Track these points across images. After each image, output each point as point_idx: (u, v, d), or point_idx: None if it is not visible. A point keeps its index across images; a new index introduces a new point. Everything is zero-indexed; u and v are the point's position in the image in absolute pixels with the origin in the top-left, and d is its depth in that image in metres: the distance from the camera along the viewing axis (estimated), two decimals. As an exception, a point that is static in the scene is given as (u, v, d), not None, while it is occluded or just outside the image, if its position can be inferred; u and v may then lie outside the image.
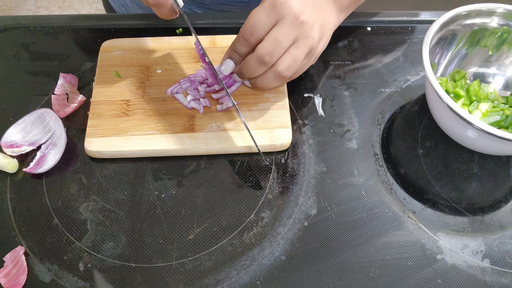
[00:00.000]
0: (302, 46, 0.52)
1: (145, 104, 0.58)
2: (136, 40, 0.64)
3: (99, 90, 0.59)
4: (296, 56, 0.52)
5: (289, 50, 0.52)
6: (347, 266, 0.49)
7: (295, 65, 0.52)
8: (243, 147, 0.55)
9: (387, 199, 0.53)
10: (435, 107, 0.55)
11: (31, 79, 0.62)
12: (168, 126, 0.56)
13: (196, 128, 0.56)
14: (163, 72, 0.61)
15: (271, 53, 0.50)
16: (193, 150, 0.55)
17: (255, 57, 0.51)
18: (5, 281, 0.47)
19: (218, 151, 0.55)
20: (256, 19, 0.51)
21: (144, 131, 0.55)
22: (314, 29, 0.52)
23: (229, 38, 0.64)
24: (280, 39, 0.50)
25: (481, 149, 0.54)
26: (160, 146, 0.54)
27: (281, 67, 0.52)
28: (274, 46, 0.50)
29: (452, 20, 0.57)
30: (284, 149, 0.56)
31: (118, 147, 0.54)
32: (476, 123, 0.48)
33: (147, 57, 0.62)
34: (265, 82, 0.54)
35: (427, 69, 0.51)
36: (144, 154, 0.55)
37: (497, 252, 0.50)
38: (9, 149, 0.55)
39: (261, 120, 0.56)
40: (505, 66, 0.61)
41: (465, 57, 0.61)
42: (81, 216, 0.52)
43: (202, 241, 0.50)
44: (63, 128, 0.56)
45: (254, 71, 0.52)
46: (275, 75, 0.52)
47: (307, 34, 0.52)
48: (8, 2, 2.04)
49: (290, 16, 0.50)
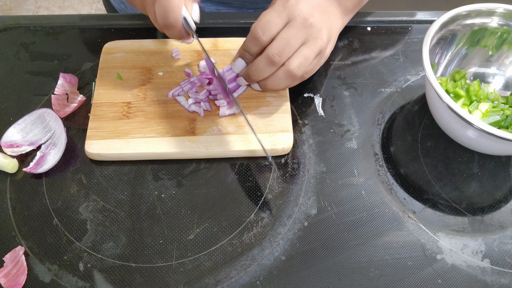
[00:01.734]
0: (312, 47, 0.53)
1: (146, 107, 0.58)
2: (138, 42, 0.64)
3: (100, 92, 0.59)
4: (306, 55, 0.52)
5: (299, 50, 0.52)
6: (347, 266, 0.49)
7: (306, 64, 0.53)
8: (245, 151, 0.55)
9: (387, 199, 0.53)
10: (435, 107, 0.55)
11: (31, 79, 0.62)
12: (169, 129, 0.56)
13: (197, 131, 0.56)
14: (165, 74, 0.61)
15: (281, 53, 0.51)
16: (194, 154, 0.55)
17: (264, 57, 0.51)
18: (5, 281, 0.47)
19: (219, 154, 0.55)
20: (268, 18, 0.51)
21: (145, 134, 0.55)
22: (323, 31, 0.53)
23: (231, 40, 0.64)
24: (290, 40, 0.51)
25: (481, 149, 0.54)
26: (161, 149, 0.54)
27: (292, 66, 0.52)
28: (284, 46, 0.51)
29: (452, 20, 0.57)
30: (285, 153, 0.56)
31: (118, 149, 0.54)
32: (476, 123, 0.48)
33: (149, 59, 0.62)
34: (275, 82, 0.54)
35: (427, 69, 0.51)
36: (144, 157, 0.55)
37: (497, 252, 0.50)
38: (9, 149, 0.55)
39: (262, 124, 0.56)
40: (505, 66, 0.61)
41: (465, 57, 0.61)
42: (81, 216, 0.52)
43: (202, 241, 0.50)
44: (63, 128, 0.56)
45: (263, 72, 0.53)
46: (286, 74, 0.52)
47: (316, 35, 0.53)
48: (8, 2, 2.04)
49: (300, 17, 0.51)
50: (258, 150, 0.55)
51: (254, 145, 0.55)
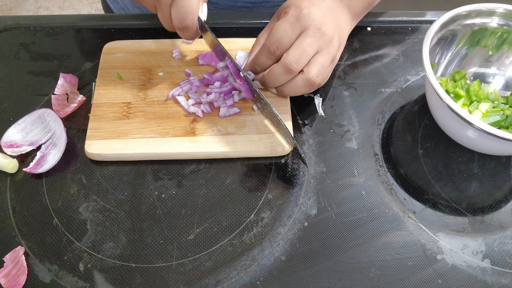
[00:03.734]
0: (326, 54, 0.54)
1: (146, 107, 0.58)
2: (138, 42, 0.64)
3: (100, 92, 0.59)
4: (323, 62, 0.54)
5: (315, 58, 0.54)
6: (347, 266, 0.49)
7: (323, 71, 0.54)
8: (244, 152, 0.55)
9: (387, 199, 0.53)
10: (435, 107, 0.55)
11: (31, 79, 0.62)
12: (169, 130, 0.56)
13: (197, 132, 0.56)
14: (165, 74, 0.61)
15: (298, 61, 0.52)
16: (194, 154, 0.55)
17: (281, 66, 0.53)
18: (5, 281, 0.47)
19: (219, 155, 0.55)
20: (281, 33, 0.53)
21: (145, 134, 0.55)
22: (334, 38, 0.55)
23: (232, 41, 0.64)
24: (306, 48, 0.52)
25: (481, 149, 0.54)
26: (161, 149, 0.54)
27: (311, 74, 0.53)
28: (300, 54, 0.52)
29: (452, 20, 0.57)
30: (286, 154, 0.56)
31: (118, 150, 0.54)
32: (476, 123, 0.48)
33: (149, 60, 0.62)
34: (293, 89, 0.55)
35: (427, 69, 0.51)
36: (144, 157, 0.55)
37: (497, 252, 0.50)
38: (9, 149, 0.55)
39: (262, 124, 0.56)
40: (505, 66, 0.61)
41: (465, 57, 0.61)
42: (81, 216, 0.52)
43: (202, 241, 0.50)
44: (63, 128, 0.56)
45: (279, 80, 0.54)
46: (305, 82, 0.54)
47: (329, 43, 0.54)
48: (8, 2, 2.04)
49: (313, 27, 0.53)
50: (257, 150, 0.55)
51: (254, 145, 0.55)
